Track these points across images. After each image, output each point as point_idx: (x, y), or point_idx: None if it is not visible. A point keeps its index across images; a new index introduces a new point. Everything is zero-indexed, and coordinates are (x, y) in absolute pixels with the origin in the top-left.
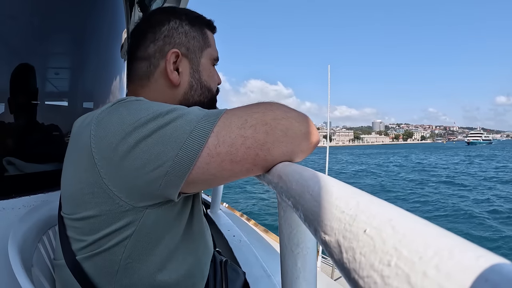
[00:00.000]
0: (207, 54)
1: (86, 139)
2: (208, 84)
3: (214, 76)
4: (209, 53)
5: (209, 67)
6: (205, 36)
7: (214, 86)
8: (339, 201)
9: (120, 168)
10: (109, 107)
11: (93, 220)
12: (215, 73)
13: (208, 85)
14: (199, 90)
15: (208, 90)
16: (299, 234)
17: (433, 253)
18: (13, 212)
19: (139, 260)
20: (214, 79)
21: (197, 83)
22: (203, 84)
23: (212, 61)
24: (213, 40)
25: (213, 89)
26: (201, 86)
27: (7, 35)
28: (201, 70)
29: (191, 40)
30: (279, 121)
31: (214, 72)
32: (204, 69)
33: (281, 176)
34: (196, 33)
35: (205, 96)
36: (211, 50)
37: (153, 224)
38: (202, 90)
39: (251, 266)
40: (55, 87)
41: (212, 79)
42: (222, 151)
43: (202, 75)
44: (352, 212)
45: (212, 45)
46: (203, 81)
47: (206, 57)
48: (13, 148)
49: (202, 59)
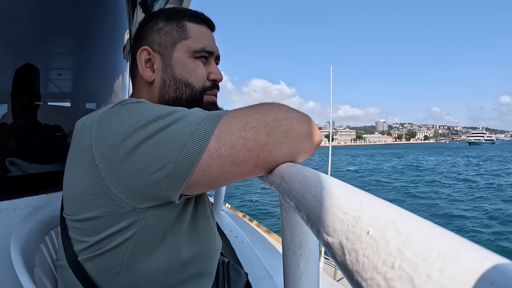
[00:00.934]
0: (182, 47)
1: (87, 140)
2: (184, 78)
3: (195, 70)
4: (184, 46)
5: (184, 60)
6: (182, 29)
7: (197, 81)
8: (341, 202)
9: (121, 170)
10: (110, 108)
11: (94, 221)
12: (196, 66)
13: (184, 79)
14: (173, 85)
15: (185, 84)
16: (302, 235)
17: (437, 255)
18: (16, 212)
19: (141, 261)
20: (195, 73)
21: (170, 78)
22: (177, 79)
23: (192, 53)
24: (197, 32)
25: (193, 83)
26: (175, 81)
27: (10, 36)
28: (174, 64)
29: (163, 36)
30: (280, 122)
31: (195, 65)
32: (178, 63)
33: (284, 177)
34: (170, 27)
35: (182, 91)
36: (188, 42)
37: (155, 225)
38: (177, 85)
39: (253, 267)
40: (58, 87)
41: (190, 73)
42: (223, 153)
43: (175, 69)
44: (355, 213)
45: (193, 36)
46: (177, 75)
47: (181, 50)
48: (15, 149)
49: (175, 52)
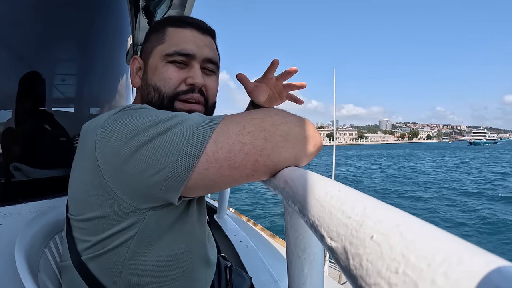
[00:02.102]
0: (157, 52)
1: (91, 144)
2: (153, 82)
3: (163, 74)
4: (159, 51)
5: (155, 65)
6: (161, 34)
7: (164, 84)
8: (345, 206)
9: (122, 172)
10: (114, 113)
11: (97, 221)
12: (165, 70)
13: (153, 83)
14: (146, 90)
15: (154, 89)
16: (306, 239)
17: (442, 260)
18: (20, 217)
19: (142, 261)
20: (163, 77)
21: (144, 83)
22: (148, 83)
23: (163, 57)
24: (175, 36)
25: (160, 87)
26: (146, 85)
27: (14, 42)
28: (148, 69)
29: (147, 43)
30: (278, 126)
31: (164, 69)
32: (150, 68)
33: (287, 181)
34: (153, 35)
35: (151, 96)
36: (162, 46)
37: (156, 225)
38: (148, 89)
39: (258, 271)
40: (62, 93)
41: (158, 77)
42: (220, 157)
43: (148, 74)
44: (359, 218)
45: (167, 41)
46: (148, 80)
47: (155, 55)
48: (20, 154)
49: (150, 59)
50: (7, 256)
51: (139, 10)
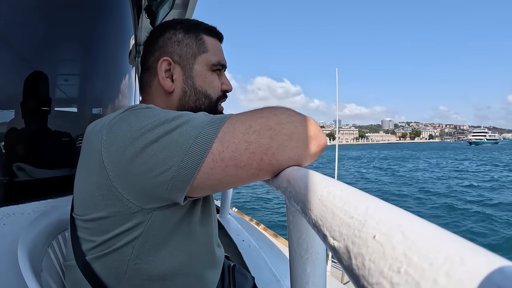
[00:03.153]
0: (202, 60)
1: (97, 144)
2: (204, 89)
3: (213, 82)
4: (204, 59)
5: (204, 72)
6: (201, 42)
7: (214, 92)
8: (347, 206)
9: (128, 172)
10: (120, 113)
11: (103, 221)
12: (214, 78)
13: (204, 90)
14: (193, 96)
15: (205, 96)
16: (308, 239)
17: (444, 260)
18: (23, 217)
19: (147, 261)
20: (213, 85)
21: (191, 89)
22: (197, 90)
23: (210, 66)
24: (213, 46)
25: (211, 95)
26: (195, 92)
27: (16, 42)
28: (195, 76)
29: (184, 48)
30: (284, 125)
31: (212, 78)
32: (198, 75)
33: (290, 181)
34: (190, 40)
35: (201, 102)
36: (207, 55)
37: (161, 225)
38: (197, 96)
39: (260, 271)
40: (65, 93)
41: (209, 85)
42: (226, 156)
43: (196, 81)
44: (361, 218)
45: (210, 50)
46: (197, 86)
47: (201, 62)
48: (23, 154)
49: (196, 65)
50: (10, 256)
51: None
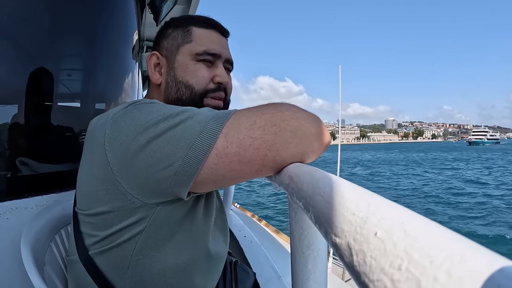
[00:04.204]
0: (185, 50)
1: (100, 138)
2: (184, 79)
3: (196, 72)
4: (188, 49)
5: (186, 62)
6: (187, 33)
7: (197, 82)
8: (350, 203)
9: (131, 166)
10: (124, 108)
11: (106, 215)
12: (198, 68)
13: (184, 81)
14: (174, 87)
15: (185, 86)
16: (310, 235)
17: (445, 258)
18: (26, 211)
19: (150, 257)
20: (196, 75)
21: (172, 79)
22: (178, 80)
23: (194, 56)
24: (202, 36)
25: (193, 85)
26: (176, 82)
27: (20, 38)
28: (176, 66)
29: (170, 41)
30: (288, 122)
31: (196, 67)
32: (180, 66)
33: (292, 177)
34: (177, 33)
35: (182, 92)
36: (191, 45)
37: (164, 221)
38: (178, 86)
39: (261, 266)
40: (68, 88)
41: (191, 75)
42: (230, 152)
43: (177, 71)
44: (363, 214)
45: (196, 40)
46: (178, 77)
47: (184, 53)
48: (26, 149)
49: (178, 56)
50: (13, 250)
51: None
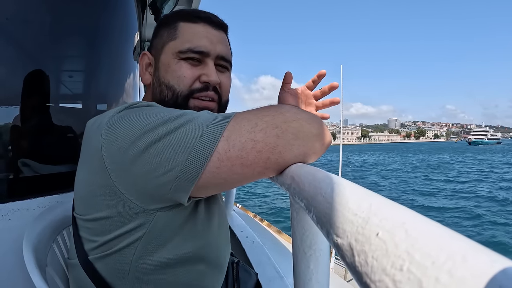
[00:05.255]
0: (169, 48)
1: (97, 142)
2: (166, 80)
3: (176, 71)
4: (171, 47)
5: (168, 61)
6: (173, 30)
7: (179, 83)
8: (351, 203)
9: (130, 172)
10: (120, 111)
11: (104, 221)
12: (179, 67)
13: (166, 81)
14: (158, 87)
15: (167, 87)
16: (312, 235)
17: (446, 258)
18: (28, 212)
19: (150, 262)
20: (177, 75)
21: (156, 80)
22: (161, 81)
23: (176, 54)
24: (188, 32)
25: (174, 85)
26: (159, 83)
27: (20, 39)
28: (160, 66)
29: (157, 39)
30: (290, 123)
31: (177, 67)
32: (162, 65)
33: (294, 178)
34: (163, 30)
35: (164, 94)
36: (175, 42)
37: (164, 226)
38: (161, 87)
39: (263, 267)
40: (69, 89)
41: (172, 75)
42: (233, 156)
43: (160, 71)
44: (365, 215)
45: (180, 37)
46: (161, 77)
47: (167, 51)
48: (27, 150)
49: (162, 55)
50: (15, 251)
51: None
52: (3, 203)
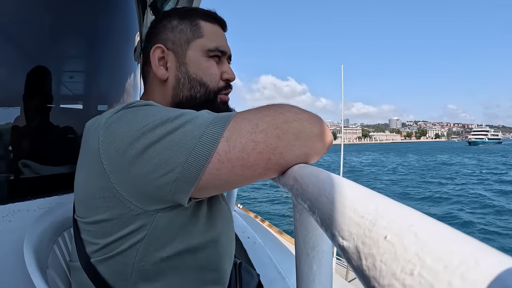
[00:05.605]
0: (197, 46)
1: (94, 144)
2: (198, 77)
3: (209, 69)
4: (199, 45)
5: (199, 59)
6: (197, 27)
7: (211, 80)
8: (357, 205)
9: (129, 174)
10: (117, 112)
11: (105, 224)
12: (210, 65)
13: (198, 78)
14: (187, 84)
15: (200, 83)
16: (315, 237)
17: (458, 261)
18: (28, 214)
19: (153, 263)
20: (209, 72)
21: (184, 76)
22: (191, 77)
23: (205, 52)
24: (211, 31)
25: (207, 82)
26: (189, 79)
27: (21, 39)
28: (188, 62)
29: (177, 34)
30: (291, 124)
31: (208, 64)
32: (192, 62)
33: (297, 179)
34: (184, 25)
35: (196, 90)
36: (203, 40)
37: (165, 227)
38: (192, 83)
39: (265, 268)
40: (69, 90)
41: (205, 72)
42: (233, 157)
43: (190, 67)
44: (372, 217)
45: (206, 35)
46: (191, 73)
47: (195, 48)
48: (28, 151)
49: (189, 51)
50: (16, 253)
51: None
52: (3, 204)
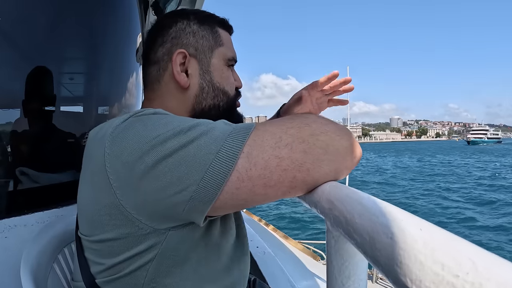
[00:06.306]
0: (219, 54)
1: (100, 157)
2: (221, 86)
3: (229, 78)
4: (221, 53)
5: (221, 67)
6: (217, 35)
7: (231, 89)
8: (444, 258)
9: (137, 190)
10: (124, 121)
11: (111, 243)
12: (230, 74)
13: (222, 87)
14: (211, 92)
15: (223, 92)
16: (352, 266)
17: None
18: (26, 229)
19: (163, 284)
20: (230, 81)
21: (208, 84)
22: (215, 86)
23: (226, 61)
24: (227, 40)
25: (229, 91)
26: (213, 88)
27: (22, 41)
28: (212, 70)
29: (200, 40)
30: (318, 136)
31: (229, 73)
32: (216, 70)
33: (333, 202)
34: (205, 32)
35: (220, 99)
36: (224, 49)
37: (177, 245)
38: (215, 92)
39: (277, 281)
40: (70, 92)
41: (226, 81)
42: (254, 175)
43: (214, 76)
44: (472, 279)
45: (225, 44)
46: (215, 82)
47: (218, 57)
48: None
49: (213, 59)
50: (12, 273)
51: (148, 6)
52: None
